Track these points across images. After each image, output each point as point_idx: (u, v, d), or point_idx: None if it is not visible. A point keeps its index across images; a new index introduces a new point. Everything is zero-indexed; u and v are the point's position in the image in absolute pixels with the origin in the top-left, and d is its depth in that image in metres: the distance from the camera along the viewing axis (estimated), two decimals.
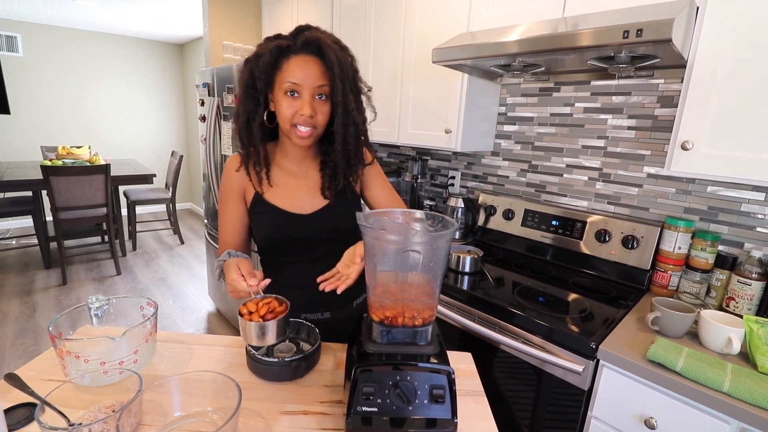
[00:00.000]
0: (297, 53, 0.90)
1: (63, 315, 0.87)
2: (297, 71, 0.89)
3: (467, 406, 0.82)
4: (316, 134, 0.95)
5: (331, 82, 0.90)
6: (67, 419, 0.67)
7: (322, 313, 1.07)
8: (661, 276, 1.45)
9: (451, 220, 0.73)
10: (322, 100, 0.92)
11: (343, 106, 0.92)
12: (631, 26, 1.03)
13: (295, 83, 0.89)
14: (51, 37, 4.99)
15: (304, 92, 0.90)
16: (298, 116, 0.91)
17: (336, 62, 0.88)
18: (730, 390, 0.92)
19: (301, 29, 0.93)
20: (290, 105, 0.91)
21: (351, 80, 0.93)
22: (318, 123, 0.93)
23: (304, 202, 1.02)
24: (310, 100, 0.90)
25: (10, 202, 3.91)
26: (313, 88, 0.90)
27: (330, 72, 0.89)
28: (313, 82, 0.89)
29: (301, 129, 0.92)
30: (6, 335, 2.75)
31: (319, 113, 0.92)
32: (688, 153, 1.16)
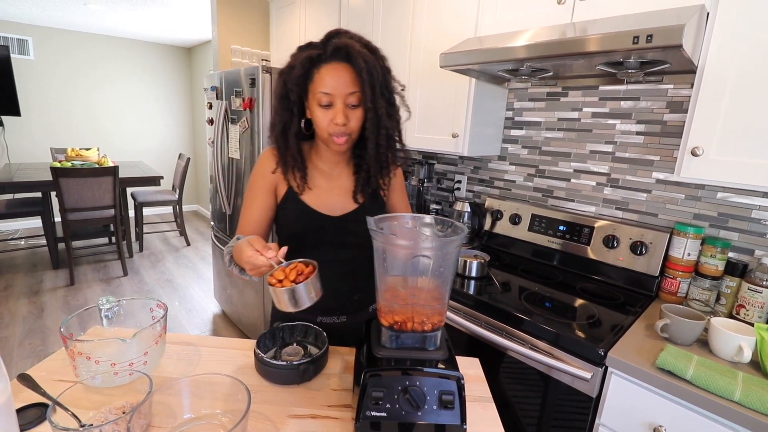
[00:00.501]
0: (327, 62, 0.90)
1: (74, 316, 0.88)
2: (328, 80, 0.89)
3: (475, 411, 0.81)
4: (351, 140, 0.96)
5: (362, 89, 0.90)
6: (78, 420, 0.67)
7: (338, 317, 1.08)
8: (670, 282, 1.44)
9: (460, 225, 0.73)
10: (355, 107, 0.92)
11: (373, 111, 0.92)
12: (641, 32, 1.03)
13: (326, 93, 0.90)
14: (61, 40, 5.06)
15: (337, 101, 0.90)
16: (332, 126, 0.92)
17: (365, 68, 0.88)
18: (741, 399, 0.91)
19: (330, 35, 0.93)
20: (324, 115, 0.92)
21: (381, 83, 0.92)
22: (352, 129, 0.94)
23: (335, 204, 1.03)
24: (342, 109, 0.91)
25: (19, 203, 3.94)
26: (345, 96, 0.90)
27: (359, 78, 0.89)
28: (344, 89, 0.89)
29: (336, 137, 0.93)
30: (14, 335, 2.77)
31: (352, 120, 0.92)
32: (698, 159, 1.15)
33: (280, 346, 0.96)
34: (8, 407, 0.62)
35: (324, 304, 1.04)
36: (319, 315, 1.07)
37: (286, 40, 2.94)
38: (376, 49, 0.94)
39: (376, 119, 0.93)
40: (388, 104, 0.95)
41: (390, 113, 0.96)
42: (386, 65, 0.95)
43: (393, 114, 0.97)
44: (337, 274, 1.04)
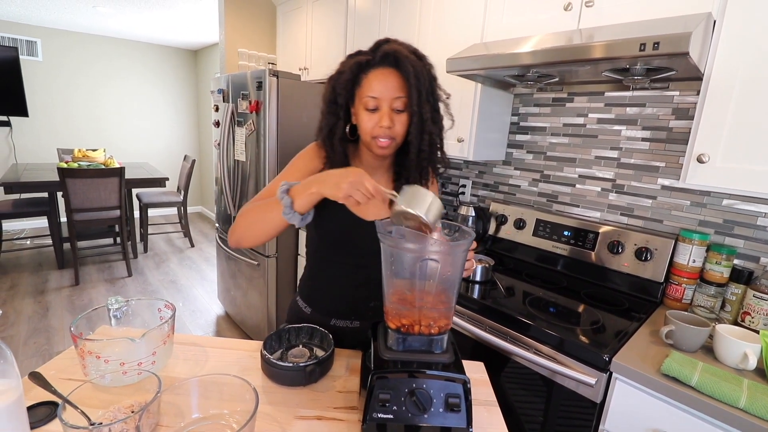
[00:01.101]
0: (376, 67, 0.91)
1: (84, 316, 0.89)
2: (376, 84, 0.91)
3: (480, 415, 0.82)
4: (395, 144, 0.96)
5: (408, 93, 0.91)
6: (88, 418, 0.68)
7: (351, 321, 1.08)
8: (674, 289, 1.44)
9: (468, 229, 0.74)
10: (400, 111, 0.93)
11: (418, 115, 0.92)
12: (647, 39, 1.04)
13: (373, 97, 0.91)
14: (69, 42, 5.10)
15: (383, 104, 0.91)
16: (377, 128, 0.92)
17: (413, 72, 0.89)
18: (746, 406, 0.90)
19: (380, 43, 0.94)
20: (370, 118, 0.93)
21: (428, 90, 0.92)
22: (396, 134, 0.94)
23: (369, 209, 1.03)
24: (388, 112, 0.91)
25: (26, 202, 3.97)
26: (391, 100, 0.91)
27: (407, 82, 0.90)
28: (391, 93, 0.90)
29: (381, 140, 0.94)
30: (19, 334, 2.79)
31: (397, 124, 0.93)
32: (703, 166, 1.16)
33: (286, 347, 0.97)
34: (20, 405, 0.63)
35: (340, 307, 1.07)
36: (333, 318, 1.08)
37: (293, 44, 2.97)
38: (424, 56, 0.94)
39: (421, 123, 0.93)
40: (433, 110, 0.95)
41: (435, 119, 0.96)
42: (433, 73, 0.95)
43: (437, 120, 0.97)
44: (359, 279, 1.05)
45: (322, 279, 1.09)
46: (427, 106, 0.92)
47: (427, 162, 1.00)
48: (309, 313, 1.11)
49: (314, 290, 1.12)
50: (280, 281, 2.59)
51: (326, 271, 1.09)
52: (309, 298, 1.12)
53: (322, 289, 1.10)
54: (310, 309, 1.11)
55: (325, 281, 1.09)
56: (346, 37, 2.42)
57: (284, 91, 2.34)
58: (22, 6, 4.02)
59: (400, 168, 1.05)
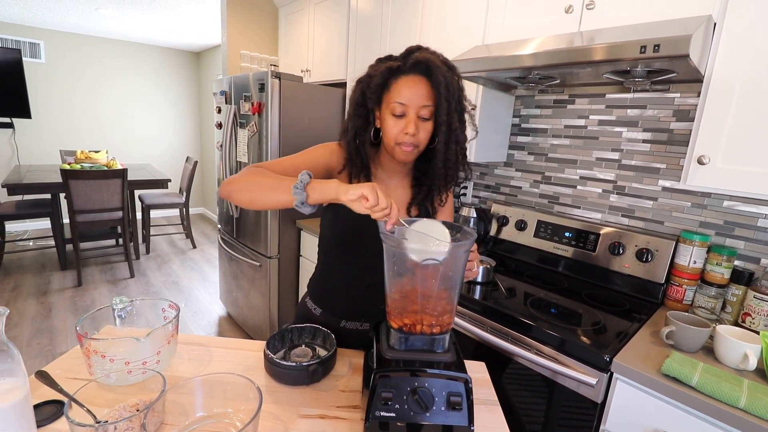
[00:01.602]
0: (406, 74, 0.92)
1: (89, 315, 0.90)
2: (405, 91, 0.91)
3: (481, 414, 0.82)
4: (417, 152, 0.97)
5: (437, 102, 0.91)
6: (93, 416, 0.69)
7: (361, 323, 1.09)
8: (675, 290, 1.44)
9: (469, 230, 0.74)
10: (426, 120, 0.94)
11: (447, 125, 0.92)
12: (648, 41, 1.05)
13: (401, 103, 0.92)
14: (72, 44, 5.13)
15: (410, 111, 0.92)
16: (402, 135, 0.93)
17: (443, 83, 0.89)
18: (746, 406, 0.91)
19: (411, 50, 0.95)
20: (396, 124, 0.94)
21: (456, 100, 0.93)
22: (420, 141, 0.95)
23: None
24: (414, 119, 0.92)
25: (29, 204, 3.99)
26: (418, 108, 0.92)
27: (436, 92, 0.90)
28: (418, 101, 0.91)
29: (405, 147, 0.95)
30: (22, 335, 2.80)
31: (422, 131, 0.94)
32: (704, 167, 1.16)
33: (289, 347, 0.98)
34: (26, 403, 0.64)
35: (352, 308, 1.08)
36: (344, 320, 1.09)
37: (295, 46, 2.98)
38: (454, 67, 0.95)
39: (449, 132, 0.93)
40: (460, 120, 0.95)
41: (462, 129, 0.96)
42: (461, 84, 0.95)
43: (463, 131, 0.98)
44: (372, 282, 1.04)
45: (335, 279, 1.10)
46: (455, 116, 0.93)
47: (453, 171, 1.00)
48: (318, 314, 1.12)
49: (326, 291, 1.12)
50: (282, 282, 2.60)
51: (339, 271, 1.10)
52: (320, 299, 1.13)
53: (334, 289, 1.11)
54: (320, 310, 1.12)
55: (337, 282, 1.10)
56: (348, 39, 2.43)
57: (286, 92, 2.35)
58: (25, 8, 4.04)
59: (421, 175, 1.06)
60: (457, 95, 0.93)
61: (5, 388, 0.61)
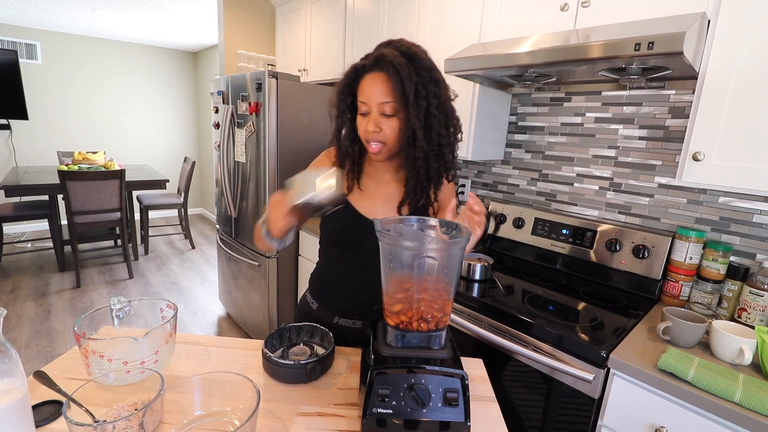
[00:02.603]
0: (368, 72, 0.92)
1: (87, 316, 0.90)
2: (366, 89, 0.92)
3: (479, 411, 0.83)
4: (387, 149, 0.95)
5: (395, 98, 0.89)
6: (92, 416, 0.69)
7: (354, 321, 1.10)
8: (672, 286, 1.45)
9: (465, 227, 0.75)
10: (389, 116, 0.91)
11: (406, 122, 0.91)
12: (642, 39, 1.05)
13: (363, 102, 0.93)
14: (69, 45, 5.12)
15: (372, 109, 0.92)
16: (366, 132, 0.94)
17: (396, 76, 0.87)
18: (741, 400, 0.92)
19: (379, 45, 0.94)
20: (362, 123, 0.95)
21: (418, 93, 0.88)
22: (386, 138, 0.93)
23: (377, 210, 1.04)
24: (375, 116, 0.92)
25: (26, 205, 3.99)
26: (378, 105, 0.91)
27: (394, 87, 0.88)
28: (377, 98, 0.90)
29: (371, 145, 0.95)
30: (21, 337, 2.80)
31: (385, 128, 0.92)
32: (699, 164, 1.17)
33: (287, 346, 0.98)
34: (25, 403, 0.64)
35: (344, 305, 1.09)
36: (337, 316, 1.10)
37: (292, 45, 2.98)
38: (420, 58, 0.91)
39: (411, 130, 0.91)
40: (427, 114, 0.91)
41: (430, 124, 0.92)
42: (430, 74, 0.91)
43: (434, 125, 0.93)
44: (365, 280, 1.04)
45: (331, 276, 1.12)
46: (418, 112, 0.89)
47: (435, 167, 0.98)
48: (315, 308, 1.13)
49: (322, 286, 1.14)
50: (281, 282, 2.60)
51: (335, 268, 1.11)
52: (317, 293, 1.15)
53: (329, 285, 1.12)
54: (317, 304, 1.13)
55: (333, 278, 1.11)
56: (345, 38, 2.43)
57: (284, 92, 2.35)
58: (21, 9, 4.03)
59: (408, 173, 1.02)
60: (422, 88, 0.89)
61: (3, 389, 0.61)
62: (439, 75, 0.94)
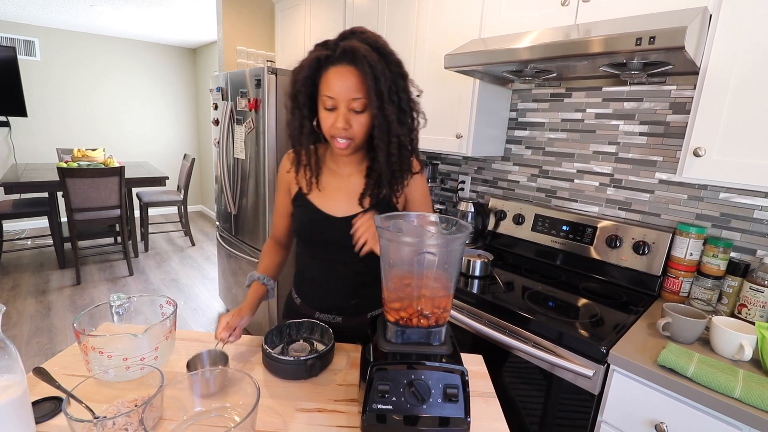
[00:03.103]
0: (334, 64, 0.87)
1: (87, 312, 0.90)
2: (333, 84, 0.87)
3: (479, 406, 0.83)
4: (354, 145, 0.94)
5: (367, 94, 0.87)
6: (92, 412, 0.69)
7: (333, 316, 1.09)
8: (672, 282, 1.45)
9: (465, 223, 0.75)
10: (359, 112, 0.89)
11: (381, 118, 0.88)
12: (643, 33, 1.05)
13: (330, 96, 0.88)
14: (67, 41, 5.10)
15: (340, 104, 0.88)
16: (333, 129, 0.90)
17: (370, 73, 0.84)
18: (741, 396, 0.92)
19: (344, 36, 0.90)
20: (328, 117, 0.91)
21: (390, 89, 0.87)
22: (354, 135, 0.91)
23: (339, 205, 1.02)
24: (344, 113, 0.88)
25: (26, 203, 3.98)
26: (348, 101, 0.87)
27: (366, 83, 0.85)
28: (347, 94, 0.87)
29: (338, 141, 0.92)
30: (22, 334, 2.80)
31: (354, 125, 0.90)
32: (700, 159, 1.16)
33: (287, 342, 0.98)
34: (24, 400, 0.64)
35: (322, 302, 1.08)
36: (317, 311, 1.09)
37: (291, 41, 2.97)
38: (390, 53, 0.89)
39: (386, 126, 0.89)
40: (399, 110, 0.90)
41: (402, 120, 0.91)
42: (400, 70, 0.90)
43: (405, 121, 0.93)
44: (338, 276, 1.06)
45: (306, 274, 1.12)
46: (391, 107, 0.88)
47: (398, 165, 0.96)
48: (298, 304, 1.14)
49: (301, 283, 1.14)
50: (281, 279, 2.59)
51: (307, 265, 1.11)
52: (298, 290, 1.15)
53: (306, 283, 1.12)
54: (300, 300, 1.14)
55: (309, 275, 1.11)
56: None
57: (283, 88, 2.34)
58: (20, 5, 4.02)
59: (373, 164, 1.00)
60: (391, 84, 0.87)
61: (3, 385, 0.61)
62: (405, 70, 0.93)
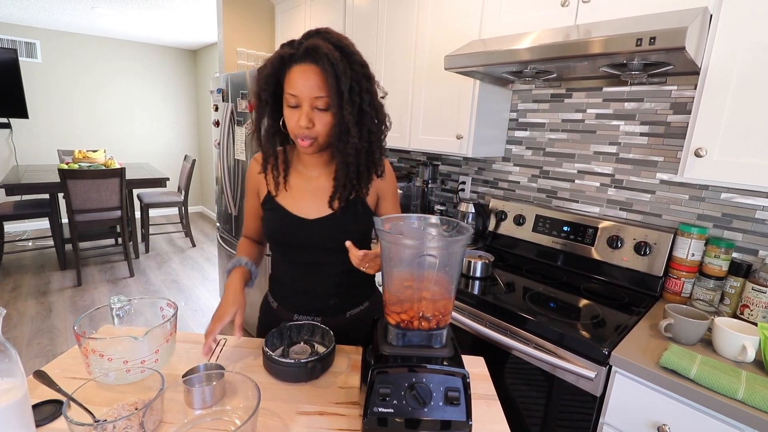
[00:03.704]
0: (297, 62, 0.87)
1: (87, 315, 0.90)
2: (296, 81, 0.87)
3: (480, 409, 0.82)
4: (317, 144, 0.93)
5: (328, 93, 0.86)
6: (92, 415, 0.69)
7: (312, 317, 1.07)
8: (674, 283, 1.44)
9: (466, 225, 0.74)
10: (322, 111, 0.89)
11: (340, 117, 0.88)
12: (644, 34, 1.04)
13: (293, 95, 0.87)
14: (68, 43, 5.11)
15: (303, 103, 0.88)
16: (297, 127, 0.89)
17: (331, 71, 0.84)
18: (744, 398, 0.91)
19: (308, 35, 0.90)
20: (291, 116, 0.90)
21: (352, 89, 0.87)
22: (318, 133, 0.91)
23: (309, 207, 1.02)
24: (307, 111, 0.88)
25: (27, 204, 3.99)
26: (311, 99, 0.87)
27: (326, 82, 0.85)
28: (310, 92, 0.86)
29: (301, 140, 0.91)
30: (23, 335, 2.80)
31: (318, 124, 0.89)
32: (701, 160, 1.16)
33: (287, 344, 0.98)
34: (25, 403, 0.64)
35: (300, 303, 1.07)
36: (296, 313, 1.08)
37: None
38: (353, 53, 0.89)
39: (345, 126, 0.89)
40: (360, 111, 0.90)
41: (362, 120, 0.91)
42: (363, 70, 0.90)
43: (365, 121, 0.92)
44: (314, 277, 1.05)
45: (283, 276, 1.09)
46: (351, 107, 0.87)
47: (357, 167, 0.96)
48: (275, 308, 1.11)
49: (277, 287, 1.12)
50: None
51: (282, 269, 1.09)
52: (275, 293, 1.13)
53: (284, 285, 1.10)
54: (277, 304, 1.11)
55: (286, 278, 1.09)
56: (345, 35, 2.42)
57: None
58: (21, 7, 4.02)
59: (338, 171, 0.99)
60: (354, 84, 0.87)
61: (3, 388, 0.61)
62: (370, 71, 0.92)
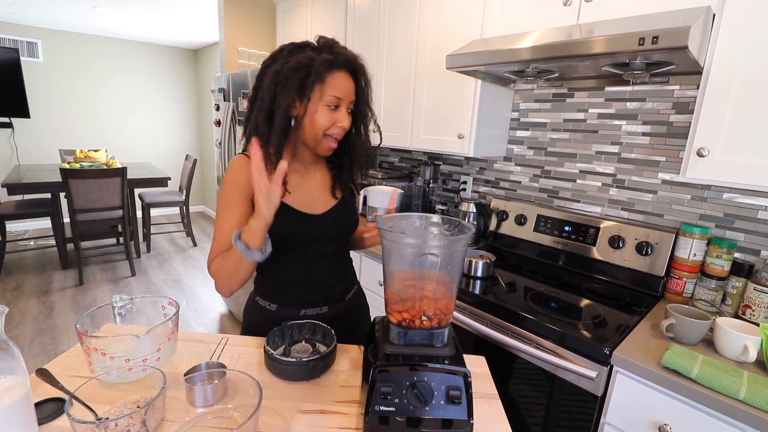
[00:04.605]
0: (339, 69, 0.97)
1: (89, 313, 0.90)
2: (342, 85, 0.97)
3: (481, 408, 0.82)
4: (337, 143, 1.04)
5: (360, 98, 1.02)
6: (94, 413, 0.69)
7: (320, 308, 1.09)
8: (675, 283, 1.44)
9: (467, 224, 0.74)
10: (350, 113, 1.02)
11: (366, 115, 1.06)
12: (646, 33, 1.04)
13: (338, 97, 0.96)
14: (70, 43, 5.12)
15: (343, 105, 0.99)
16: (335, 127, 0.99)
17: (366, 81, 1.01)
18: (746, 398, 0.91)
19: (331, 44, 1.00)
20: (329, 116, 0.97)
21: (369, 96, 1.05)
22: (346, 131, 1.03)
23: (316, 202, 1.07)
24: (345, 113, 0.99)
25: (29, 203, 4.00)
26: (348, 103, 1.00)
27: (358, 89, 1.01)
28: (350, 97, 0.99)
29: (331, 139, 1.01)
30: (24, 334, 2.81)
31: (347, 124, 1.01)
32: (703, 159, 1.16)
33: (289, 343, 0.98)
34: (27, 401, 0.64)
35: (308, 297, 1.09)
36: (303, 308, 1.08)
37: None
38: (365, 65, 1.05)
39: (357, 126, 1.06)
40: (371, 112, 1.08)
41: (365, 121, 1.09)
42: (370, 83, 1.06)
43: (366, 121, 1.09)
44: (323, 269, 1.09)
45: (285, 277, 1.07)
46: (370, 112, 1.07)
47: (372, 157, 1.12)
48: (274, 309, 1.09)
49: (279, 288, 1.09)
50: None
51: (288, 269, 1.07)
52: (273, 296, 1.10)
53: (287, 285, 1.08)
54: (276, 305, 1.09)
55: (288, 278, 1.08)
56: (346, 35, 2.42)
57: None
58: (22, 7, 4.03)
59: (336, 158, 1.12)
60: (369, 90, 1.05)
61: (6, 386, 0.61)
62: None
